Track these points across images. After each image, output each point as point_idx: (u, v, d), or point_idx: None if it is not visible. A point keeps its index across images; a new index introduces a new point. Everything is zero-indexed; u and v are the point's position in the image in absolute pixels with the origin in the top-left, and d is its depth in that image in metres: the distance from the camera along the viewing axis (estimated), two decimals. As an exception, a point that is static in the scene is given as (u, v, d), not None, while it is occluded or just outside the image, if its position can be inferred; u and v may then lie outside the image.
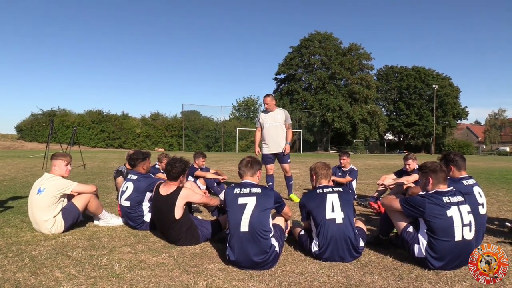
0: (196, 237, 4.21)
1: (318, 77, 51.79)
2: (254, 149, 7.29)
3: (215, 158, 24.01)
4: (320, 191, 3.85)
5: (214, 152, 40.12)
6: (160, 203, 4.24)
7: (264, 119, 7.22)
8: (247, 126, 46.98)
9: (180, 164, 4.38)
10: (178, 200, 4.14)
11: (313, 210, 3.77)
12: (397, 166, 17.27)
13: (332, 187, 3.90)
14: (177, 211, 4.12)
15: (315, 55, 53.11)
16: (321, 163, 4.16)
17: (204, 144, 42.48)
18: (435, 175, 3.64)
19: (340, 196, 3.78)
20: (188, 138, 42.08)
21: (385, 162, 23.70)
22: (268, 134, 7.18)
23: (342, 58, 52.34)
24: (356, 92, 50.73)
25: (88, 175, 11.43)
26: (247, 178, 3.88)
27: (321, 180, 4.02)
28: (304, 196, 3.95)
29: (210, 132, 42.79)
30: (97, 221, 5.03)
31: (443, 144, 62.98)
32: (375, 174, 14.08)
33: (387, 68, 66.78)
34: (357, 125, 52.20)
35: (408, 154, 6.86)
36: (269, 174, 7.29)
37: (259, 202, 3.61)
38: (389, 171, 14.40)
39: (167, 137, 41.70)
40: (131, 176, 4.99)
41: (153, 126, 41.59)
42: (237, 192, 3.70)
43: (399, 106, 63.12)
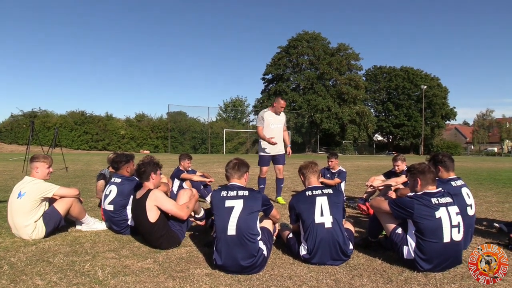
0: (175, 236, 4.21)
1: (307, 77, 52.05)
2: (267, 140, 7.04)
3: (202, 160, 23.94)
4: (310, 193, 3.85)
5: (201, 153, 39.98)
6: (134, 206, 4.27)
7: (270, 119, 7.24)
8: (234, 127, 46.96)
9: (144, 163, 4.39)
10: (147, 203, 4.11)
11: (302, 213, 3.77)
12: (386, 167, 17.42)
13: (321, 188, 3.90)
14: (150, 215, 4.09)
15: (303, 55, 53.35)
16: (306, 161, 4.20)
17: (191, 145, 42.32)
18: (423, 176, 3.68)
19: (329, 199, 3.78)
20: (174, 140, 41.88)
21: (374, 163, 23.90)
22: (271, 135, 7.20)
23: (330, 58, 52.68)
24: (344, 92, 51.10)
25: (70, 178, 11.29)
26: (234, 180, 3.87)
27: (310, 179, 4.03)
28: (294, 198, 3.95)
29: (196, 134, 42.67)
30: (80, 226, 4.96)
31: (431, 145, 63.74)
32: (364, 175, 14.18)
33: (375, 69, 67.40)
34: (345, 126, 52.60)
35: (397, 155, 6.92)
36: (263, 176, 7.32)
37: (246, 205, 3.61)
38: (378, 172, 14.52)
39: (152, 138, 41.46)
40: (114, 179, 4.94)
41: (138, 128, 41.32)
42: (224, 195, 3.69)
43: (388, 106, 63.76)
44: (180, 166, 7.36)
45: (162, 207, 4.16)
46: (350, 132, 53.53)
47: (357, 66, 55.17)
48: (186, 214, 4.29)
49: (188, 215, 4.33)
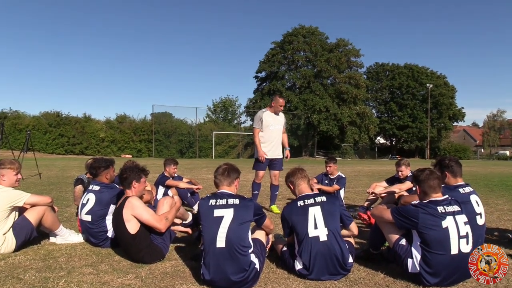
0: (158, 250, 4.18)
1: (303, 75, 52.24)
2: (257, 152, 7.20)
3: (189, 165, 23.88)
4: (301, 203, 3.85)
5: (188, 158, 39.89)
6: (114, 216, 4.28)
7: (268, 120, 7.28)
8: (224, 129, 46.95)
9: (127, 168, 4.40)
10: (124, 212, 4.10)
11: (295, 225, 3.77)
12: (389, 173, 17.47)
13: (314, 196, 3.89)
14: (129, 226, 4.07)
15: (299, 52, 53.56)
16: (292, 169, 4.20)
17: (177, 149, 42.23)
18: (428, 183, 3.69)
19: (323, 208, 3.76)
20: (159, 143, 41.78)
21: (376, 168, 24.01)
22: (271, 138, 7.27)
23: (328, 54, 52.94)
24: (344, 91, 51.34)
25: (44, 185, 11.19)
26: (223, 187, 3.86)
27: (300, 186, 4.02)
28: (286, 209, 3.95)
29: (183, 136, 42.60)
30: (54, 238, 4.91)
31: (438, 148, 64.17)
32: (365, 181, 14.23)
33: (377, 66, 67.86)
34: (345, 128, 52.82)
35: (400, 159, 6.93)
36: (258, 181, 7.36)
37: (237, 214, 3.60)
38: (380, 178, 14.56)
39: (135, 142, 41.32)
40: (93, 187, 4.90)
41: (119, 130, 41.16)
42: (212, 203, 3.67)
43: (391, 107, 64.16)
44: (165, 172, 7.33)
45: (139, 217, 4.12)
46: (350, 134, 53.79)
47: (357, 63, 55.52)
48: (164, 226, 4.23)
49: (166, 227, 4.27)
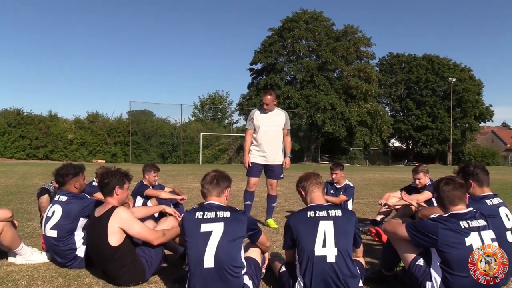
0: (141, 269, 4.17)
1: (305, 67, 52.39)
2: (243, 158, 7.35)
3: (172, 172, 23.83)
4: (312, 214, 3.77)
5: (171, 164, 39.83)
6: (92, 227, 4.26)
7: (260, 119, 7.31)
8: (213, 129, 46.95)
9: (108, 172, 4.41)
10: (110, 223, 4.08)
11: (301, 238, 3.71)
12: (405, 181, 17.52)
13: (328, 208, 3.82)
14: (111, 238, 4.06)
15: (300, 40, 53.72)
16: (306, 173, 4.16)
17: (158, 153, 42.19)
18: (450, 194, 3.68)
19: (336, 224, 3.69)
20: (137, 146, 41.73)
21: (390, 176, 24.09)
22: (264, 139, 7.26)
23: (334, 43, 53.13)
24: (352, 87, 51.50)
25: (1, 196, 11.13)
26: (212, 198, 3.86)
27: (313, 194, 3.96)
28: (293, 217, 3.88)
29: (165, 138, 42.60)
30: (13, 258, 4.89)
31: (462, 153, 64.37)
32: (377, 191, 14.28)
33: (391, 57, 68.19)
34: (354, 129, 52.98)
35: (418, 165, 6.92)
36: (250, 190, 7.34)
37: (227, 229, 3.60)
38: (395, 187, 14.59)
39: (109, 144, 41.27)
40: (59, 197, 4.88)
41: (90, 131, 41.08)
42: (199, 216, 3.67)
43: (407, 104, 64.41)
44: (144, 180, 7.31)
45: (128, 231, 4.13)
46: (360, 136, 53.93)
47: (368, 53, 55.77)
48: (157, 239, 4.24)
49: (159, 241, 4.27)
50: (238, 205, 9.28)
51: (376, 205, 9.92)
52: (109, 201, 4.32)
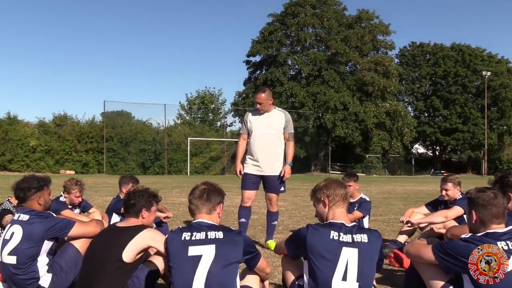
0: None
1: (312, 60, 52.39)
2: (235, 167, 7.37)
3: (155, 184, 23.76)
4: (335, 236, 3.69)
5: (153, 175, 39.82)
6: (106, 236, 4.34)
7: (254, 122, 7.32)
8: (204, 134, 46.87)
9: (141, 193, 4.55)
10: (136, 239, 4.16)
11: (317, 263, 3.64)
12: (431, 194, 17.51)
13: (353, 232, 3.73)
14: (126, 253, 4.10)
15: (306, 27, 53.79)
16: (332, 180, 4.08)
17: (138, 162, 42.16)
18: (484, 209, 3.67)
19: (361, 254, 3.64)
20: (113, 154, 41.67)
21: (413, 188, 24.12)
22: (258, 146, 7.26)
23: (347, 31, 53.18)
24: (368, 82, 51.49)
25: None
26: (201, 216, 3.85)
27: (338, 210, 3.87)
28: (311, 232, 3.75)
29: (147, 145, 42.54)
30: (-36, 288, 4.88)
31: (499, 161, 64.19)
32: (398, 206, 14.30)
33: (414, 47, 68.26)
34: (370, 133, 52.90)
35: (447, 175, 6.89)
36: (246, 205, 7.31)
37: (220, 253, 3.59)
38: (419, 201, 14.58)
39: (79, 152, 41.18)
40: (19, 216, 4.85)
41: (57, 136, 41.02)
42: (186, 238, 3.67)
43: (433, 103, 64.31)
44: (121, 194, 7.30)
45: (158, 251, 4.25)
46: (377, 141, 53.80)
47: (386, 43, 55.83)
48: None
49: None
50: (232, 223, 9.27)
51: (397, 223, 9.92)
52: (133, 222, 4.45)
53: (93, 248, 4.42)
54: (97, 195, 16.07)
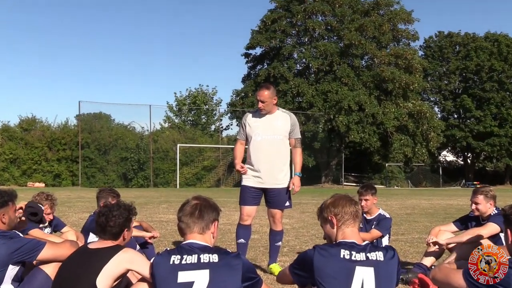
0: None
1: (322, 52, 52.37)
2: (235, 168, 7.29)
3: (139, 198, 23.77)
4: (347, 255, 3.70)
5: (137, 188, 39.87)
6: (77, 258, 4.27)
7: (254, 125, 7.25)
8: (195, 140, 46.87)
9: (119, 212, 4.44)
10: (112, 261, 4.11)
11: (326, 283, 3.64)
12: (462, 210, 17.50)
13: (366, 250, 3.77)
14: (101, 279, 4.07)
15: (315, 15, 53.86)
16: (341, 196, 4.07)
17: (119, 173, 42.18)
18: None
19: (377, 273, 3.66)
20: (90, 163, 41.70)
21: (441, 203, 24.12)
22: (259, 154, 7.20)
23: (362, 19, 53.20)
24: (387, 79, 51.44)
25: None
26: (193, 236, 3.85)
27: (348, 228, 3.90)
28: (318, 252, 3.77)
29: (129, 152, 42.62)
30: None
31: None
32: (423, 223, 14.28)
33: (441, 37, 68.26)
34: (390, 138, 52.87)
35: (480, 187, 6.88)
36: (245, 223, 7.26)
37: (215, 279, 3.60)
38: (448, 218, 14.56)
39: (50, 161, 41.28)
40: (-20, 236, 4.88)
41: (24, 142, 41.15)
42: (175, 261, 3.67)
43: (464, 102, 64.22)
44: (99, 210, 7.33)
45: (140, 274, 4.17)
46: (399, 147, 53.69)
47: (408, 33, 55.85)
48: None
49: None
50: (229, 245, 9.27)
51: (422, 243, 9.92)
52: (107, 242, 4.36)
53: (62, 275, 4.36)
54: (71, 211, 16.05)
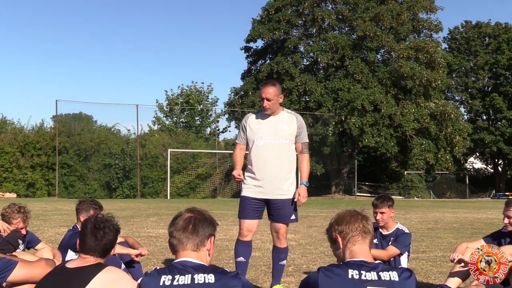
0: None
1: (332, 45, 52.42)
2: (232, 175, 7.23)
3: (124, 211, 23.82)
4: (355, 275, 3.72)
5: (122, 198, 39.92)
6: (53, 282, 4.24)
7: (256, 128, 7.23)
8: (188, 144, 46.89)
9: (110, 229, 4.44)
10: (95, 280, 4.11)
11: None
12: (492, 224, 17.49)
13: (377, 269, 3.78)
14: None
15: (324, 3, 53.95)
16: (349, 211, 4.08)
17: (102, 182, 42.22)
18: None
19: None
20: (68, 171, 41.76)
21: (468, 216, 24.09)
22: (261, 160, 7.17)
23: (378, 7, 53.27)
24: (406, 75, 51.43)
25: None
26: (186, 253, 3.85)
27: (356, 246, 3.90)
28: (323, 273, 3.79)
29: (113, 158, 42.72)
30: None
31: None
32: (448, 240, 14.26)
33: (468, 28, 68.33)
34: (410, 142, 52.86)
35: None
36: (245, 239, 7.25)
37: (211, 302, 3.60)
38: (476, 233, 14.55)
39: (23, 168, 41.30)
40: None
41: (-7, 147, 41.17)
42: (166, 282, 3.67)
43: (494, 102, 64.21)
44: (80, 224, 7.32)
45: None
46: (419, 153, 53.64)
47: (431, 23, 55.91)
48: None
49: None
50: (227, 263, 9.28)
51: (447, 262, 9.94)
52: (87, 261, 4.33)
53: None
54: (46, 225, 16.07)
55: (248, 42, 57.47)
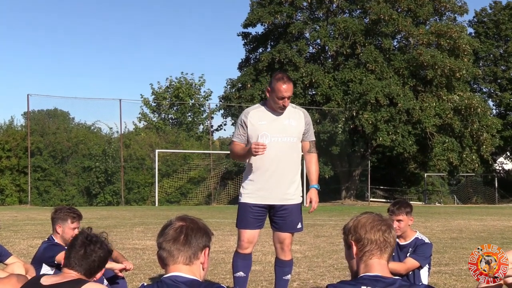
0: None
1: (341, 31, 52.42)
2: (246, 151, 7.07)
3: (106, 220, 23.87)
4: None
5: (104, 206, 39.88)
6: None
7: (258, 124, 7.17)
8: (178, 143, 46.90)
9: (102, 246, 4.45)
10: None
11: None
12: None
13: (393, 284, 3.73)
14: None
15: (333, -18, 54.03)
16: (371, 216, 4.04)
17: (80, 188, 42.23)
18: None
19: None
20: (42, 175, 41.78)
21: (497, 224, 24.12)
22: (265, 161, 7.10)
23: (394, -13, 53.36)
24: (427, 64, 51.40)
25: None
26: (177, 267, 3.86)
27: (373, 259, 3.84)
28: None
29: (93, 160, 42.75)
30: None
31: None
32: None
33: (497, 9, 68.02)
34: (430, 140, 52.81)
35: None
36: (244, 252, 7.26)
37: (205, 322, 3.62)
38: (507, 243, 14.58)
39: (-9, 172, 41.33)
40: None
41: (-43, 148, 41.22)
42: (155, 301, 3.70)
43: (528, 94, 64.28)
44: (56, 236, 7.34)
45: None
46: (441, 153, 53.60)
47: (454, 5, 55.82)
48: None
49: None
50: (224, 278, 9.31)
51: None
52: (67, 276, 4.32)
53: None
54: (18, 237, 16.09)
55: (246, 27, 57.32)
